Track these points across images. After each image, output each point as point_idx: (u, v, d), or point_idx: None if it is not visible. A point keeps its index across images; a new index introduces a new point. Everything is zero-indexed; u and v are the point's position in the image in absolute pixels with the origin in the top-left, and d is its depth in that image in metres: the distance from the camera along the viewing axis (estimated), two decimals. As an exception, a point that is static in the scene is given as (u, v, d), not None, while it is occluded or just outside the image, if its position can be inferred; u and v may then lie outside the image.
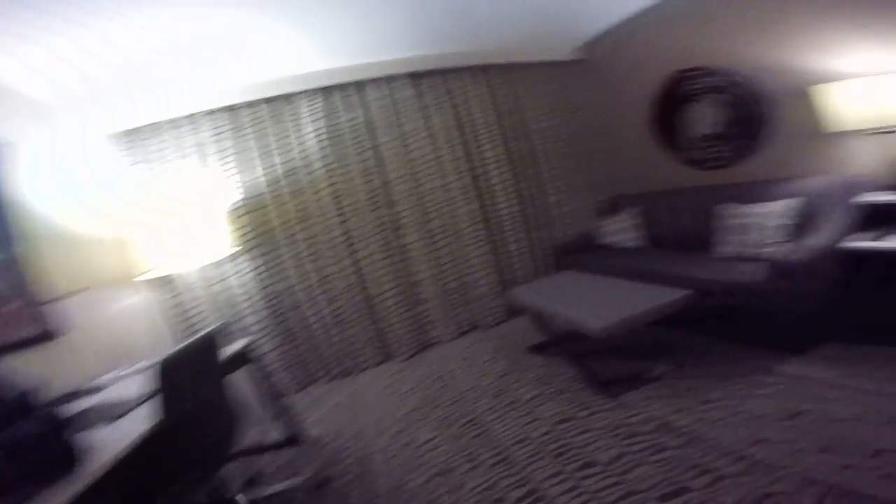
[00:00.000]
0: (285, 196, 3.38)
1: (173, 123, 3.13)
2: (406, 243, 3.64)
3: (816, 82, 2.48)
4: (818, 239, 2.17)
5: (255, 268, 3.30)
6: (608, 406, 2.12)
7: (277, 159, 3.37)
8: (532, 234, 4.03)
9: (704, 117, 3.26)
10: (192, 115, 3.15)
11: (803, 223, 2.38)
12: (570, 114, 4.17)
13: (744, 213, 2.64)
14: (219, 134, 3.23)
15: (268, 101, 3.32)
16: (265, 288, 3.32)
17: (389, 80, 3.56)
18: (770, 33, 2.73)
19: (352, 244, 3.51)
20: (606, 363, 2.48)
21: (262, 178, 3.34)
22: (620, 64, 3.84)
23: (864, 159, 2.45)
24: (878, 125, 2.12)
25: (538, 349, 3.01)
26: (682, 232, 3.27)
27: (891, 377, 1.75)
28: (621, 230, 3.68)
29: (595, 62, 4.09)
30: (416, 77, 3.63)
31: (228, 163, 3.25)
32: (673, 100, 3.44)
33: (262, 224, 3.33)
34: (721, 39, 3.01)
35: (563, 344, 2.89)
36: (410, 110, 3.61)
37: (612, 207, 3.95)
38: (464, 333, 3.75)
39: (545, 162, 4.06)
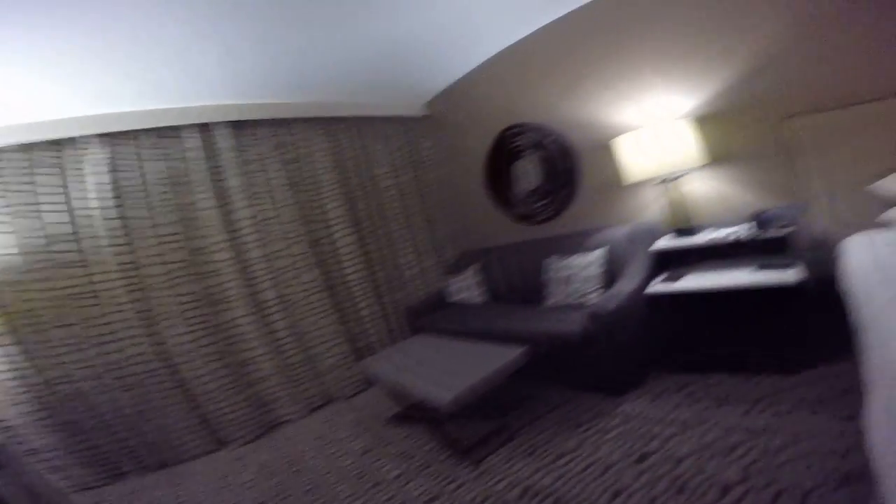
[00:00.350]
0: (51, 269, 2.58)
1: None
2: (229, 319, 3.07)
3: (615, 136, 2.81)
4: (624, 285, 2.43)
5: (9, 356, 2.46)
6: (473, 475, 1.99)
7: (40, 222, 2.57)
8: (384, 297, 3.82)
9: (528, 174, 3.57)
10: None
11: (612, 271, 2.69)
12: (419, 170, 4.23)
13: (565, 265, 2.89)
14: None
15: (29, 147, 2.56)
16: (24, 379, 2.49)
17: (204, 128, 3.11)
18: (577, 90, 3.10)
19: (152, 324, 2.82)
20: (464, 426, 2.39)
21: (17, 247, 2.50)
22: (460, 121, 4.05)
23: (654, 207, 2.88)
24: (657, 174, 2.48)
25: (399, 419, 2.76)
26: (517, 286, 3.43)
27: (706, 406, 1.96)
28: (466, 287, 3.78)
29: (439, 118, 4.27)
30: (239, 127, 3.26)
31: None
32: (502, 157, 3.71)
33: (21, 304, 2.51)
34: (539, 97, 3.34)
35: (420, 411, 2.72)
36: (232, 164, 3.18)
37: (459, 265, 4.04)
38: (317, 409, 3.29)
39: (395, 221, 3.98)
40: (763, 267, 2.15)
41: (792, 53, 2.22)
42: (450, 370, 2.27)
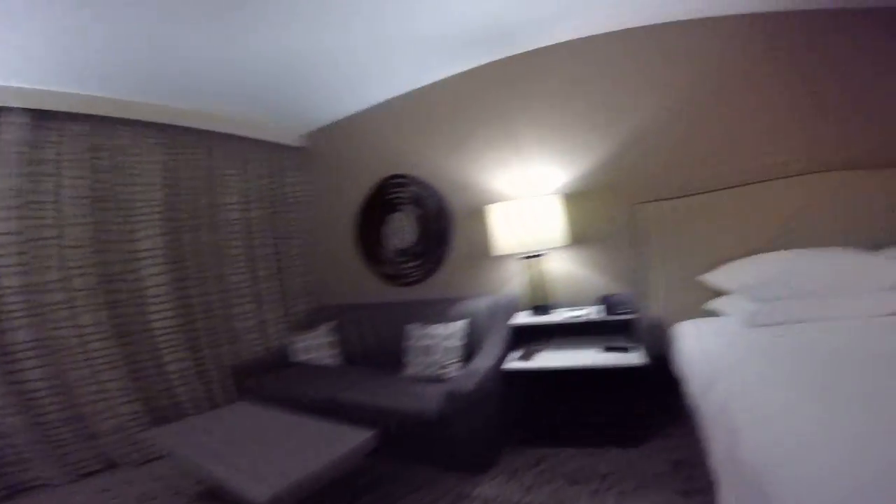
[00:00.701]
0: None
1: None
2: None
3: (489, 202, 2.82)
4: (482, 361, 2.29)
5: None
6: None
7: None
8: (203, 350, 3.08)
9: (403, 230, 3.37)
10: None
11: (471, 343, 2.55)
12: (279, 207, 3.70)
13: (427, 333, 2.66)
14: None
15: None
16: None
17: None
18: (462, 149, 3.07)
19: None
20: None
21: None
22: (340, 160, 3.72)
23: (516, 280, 2.90)
24: (522, 250, 2.51)
25: (208, 498, 2.06)
26: (374, 350, 3.09)
27: (559, 486, 1.90)
28: (316, 346, 3.27)
29: (316, 153, 3.87)
30: (44, 118, 2.47)
31: None
32: (379, 207, 3.46)
33: None
34: (426, 150, 3.23)
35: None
36: (10, 161, 2.33)
37: (311, 321, 3.53)
38: (90, 474, 2.44)
39: (234, 262, 3.35)
40: (609, 348, 2.26)
41: (650, 142, 2.51)
42: (273, 456, 1.75)
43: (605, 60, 2.61)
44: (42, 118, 2.46)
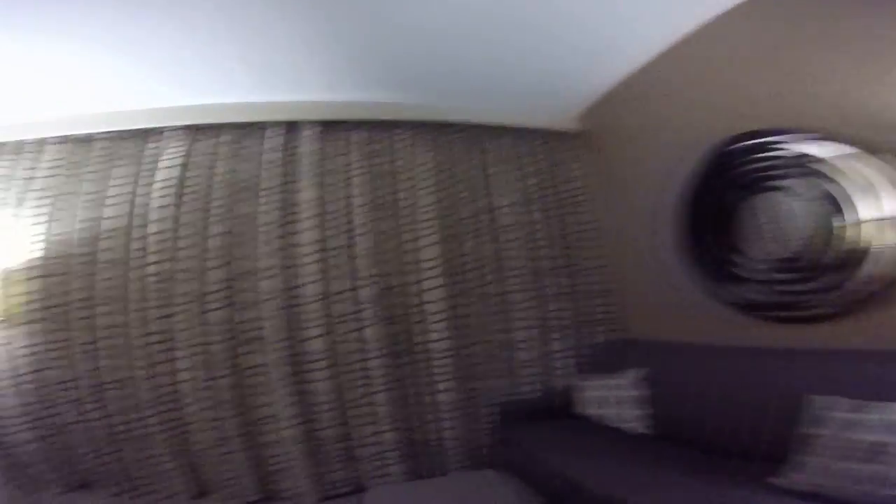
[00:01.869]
0: (97, 264, 2.27)
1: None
2: (253, 364, 2.30)
3: None
4: None
5: (28, 345, 2.21)
6: None
7: (108, 211, 2.34)
8: (475, 382, 2.54)
9: (782, 223, 1.80)
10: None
11: None
12: (562, 207, 2.86)
13: (864, 419, 1.19)
14: (33, 169, 2.34)
15: (117, 136, 2.43)
16: (36, 371, 2.19)
17: (291, 127, 2.53)
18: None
19: (171, 349, 2.25)
20: None
21: (77, 236, 2.29)
22: (635, 135, 2.60)
23: None
24: None
25: None
26: (717, 423, 1.70)
27: None
28: (615, 399, 2.15)
29: (600, 134, 2.89)
30: (330, 129, 2.58)
31: (38, 207, 2.31)
32: (723, 190, 2.03)
33: (54, 295, 2.26)
34: (809, 78, 1.71)
35: None
36: (310, 172, 2.49)
37: (609, 361, 2.43)
38: (335, 496, 2.31)
39: (514, 276, 2.69)
40: None
41: None
42: None
43: None
44: (327, 129, 2.56)
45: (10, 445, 2.17)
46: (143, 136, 2.44)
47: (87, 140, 2.40)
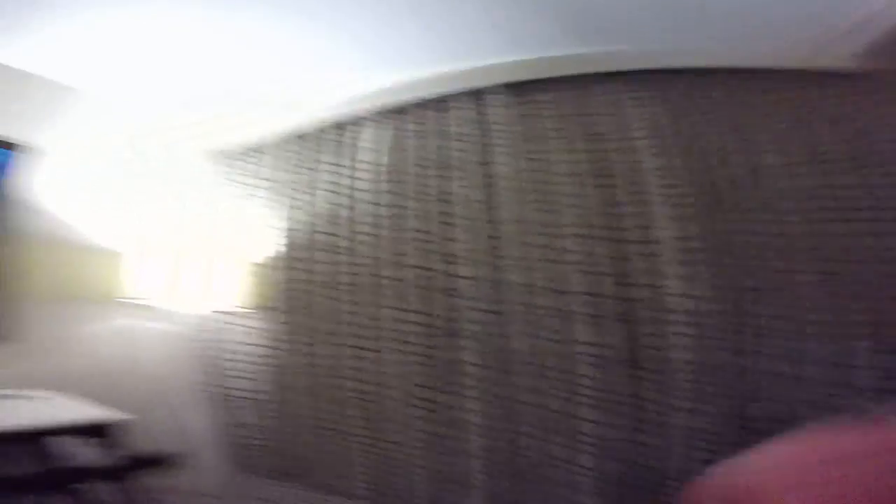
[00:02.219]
0: (339, 253, 2.36)
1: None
2: (455, 359, 2.10)
3: None
4: None
5: (268, 331, 2.44)
6: None
7: (314, 201, 2.45)
8: (720, 401, 1.86)
9: None
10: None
11: None
12: (839, 174, 1.90)
13: None
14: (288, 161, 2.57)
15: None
16: (271, 357, 2.42)
17: (477, 96, 2.23)
18: None
19: (431, 335, 2.14)
20: None
21: (313, 227, 2.44)
22: None
23: None
24: None
25: None
26: None
27: None
28: None
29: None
30: (519, 91, 2.19)
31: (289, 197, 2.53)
32: None
33: (301, 282, 2.41)
34: None
35: None
36: (505, 143, 2.17)
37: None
38: None
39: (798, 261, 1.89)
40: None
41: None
42: None
43: None
44: (516, 92, 2.21)
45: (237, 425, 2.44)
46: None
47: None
